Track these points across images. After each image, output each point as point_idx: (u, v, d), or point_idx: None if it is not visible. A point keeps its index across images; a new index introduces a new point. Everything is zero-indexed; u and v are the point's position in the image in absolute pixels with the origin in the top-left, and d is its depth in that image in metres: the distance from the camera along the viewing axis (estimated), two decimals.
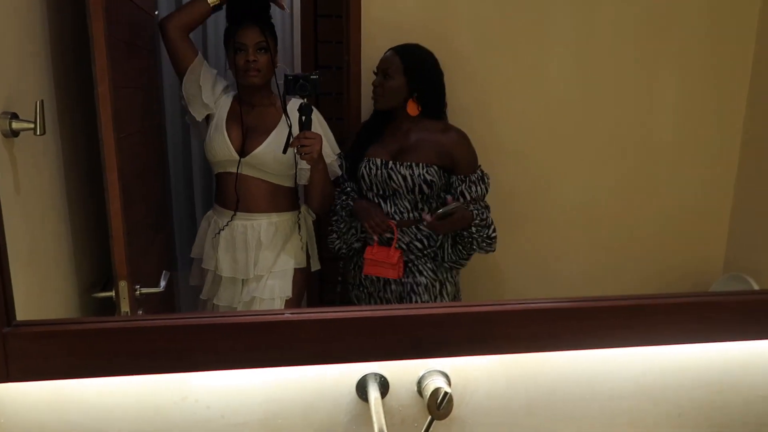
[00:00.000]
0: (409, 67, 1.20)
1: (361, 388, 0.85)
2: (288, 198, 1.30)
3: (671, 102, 1.35)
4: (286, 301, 1.28)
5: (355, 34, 1.24)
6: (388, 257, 1.22)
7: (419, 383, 0.85)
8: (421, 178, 1.21)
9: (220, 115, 1.26)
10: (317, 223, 1.33)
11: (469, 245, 1.23)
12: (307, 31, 1.34)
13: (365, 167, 1.25)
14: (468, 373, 0.88)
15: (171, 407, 0.83)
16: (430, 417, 0.82)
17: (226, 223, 1.28)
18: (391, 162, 1.23)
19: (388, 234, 1.23)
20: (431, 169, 1.21)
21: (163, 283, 1.14)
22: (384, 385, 0.85)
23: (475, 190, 1.22)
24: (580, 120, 1.34)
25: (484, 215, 1.22)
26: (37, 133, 0.76)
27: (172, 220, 1.45)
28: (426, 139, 1.24)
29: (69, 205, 0.98)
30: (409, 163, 1.22)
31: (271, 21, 1.25)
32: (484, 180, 1.24)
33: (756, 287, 1.23)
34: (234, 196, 1.26)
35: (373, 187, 1.25)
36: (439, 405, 0.80)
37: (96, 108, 0.94)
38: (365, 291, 1.29)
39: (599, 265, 1.38)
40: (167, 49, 1.22)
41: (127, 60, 1.13)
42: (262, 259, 1.28)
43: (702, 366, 0.92)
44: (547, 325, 0.82)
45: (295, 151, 1.19)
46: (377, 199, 1.25)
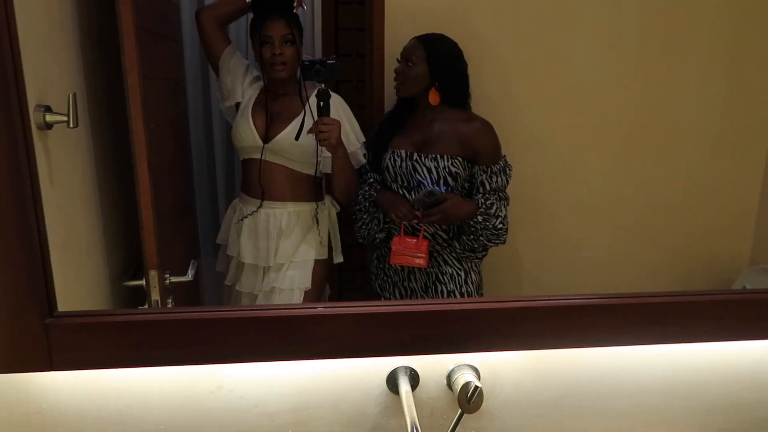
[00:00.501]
0: (432, 55, 1.20)
1: (392, 381, 0.86)
2: (311, 188, 1.30)
3: (698, 91, 1.33)
4: (306, 292, 1.29)
5: (379, 21, 1.23)
6: (417, 247, 1.23)
7: (449, 377, 0.86)
8: (446, 170, 1.21)
9: (247, 102, 1.27)
10: (340, 214, 1.33)
11: (474, 235, 1.22)
12: (328, 18, 1.33)
13: (390, 159, 1.25)
14: (497, 367, 0.89)
15: (206, 396, 0.85)
16: (460, 410, 0.82)
17: (251, 212, 1.29)
18: (415, 154, 1.23)
19: (415, 221, 1.23)
20: (455, 160, 1.21)
21: (191, 272, 1.15)
22: (414, 378, 0.86)
23: (495, 181, 1.22)
24: (605, 109, 1.32)
25: (490, 205, 1.21)
26: (71, 125, 0.76)
27: (196, 209, 1.46)
28: (449, 130, 1.23)
29: (100, 196, 0.99)
30: (434, 156, 1.22)
31: (296, 13, 1.24)
32: (506, 171, 1.23)
33: None
34: (258, 183, 1.27)
35: (398, 178, 1.25)
36: (469, 399, 0.81)
37: (126, 99, 0.94)
38: (389, 281, 1.29)
39: (622, 255, 1.37)
40: (201, 38, 1.23)
41: (154, 49, 1.13)
42: (282, 247, 1.29)
43: (732, 363, 0.92)
44: (578, 320, 0.82)
45: (315, 137, 1.19)
46: (402, 190, 1.25)
